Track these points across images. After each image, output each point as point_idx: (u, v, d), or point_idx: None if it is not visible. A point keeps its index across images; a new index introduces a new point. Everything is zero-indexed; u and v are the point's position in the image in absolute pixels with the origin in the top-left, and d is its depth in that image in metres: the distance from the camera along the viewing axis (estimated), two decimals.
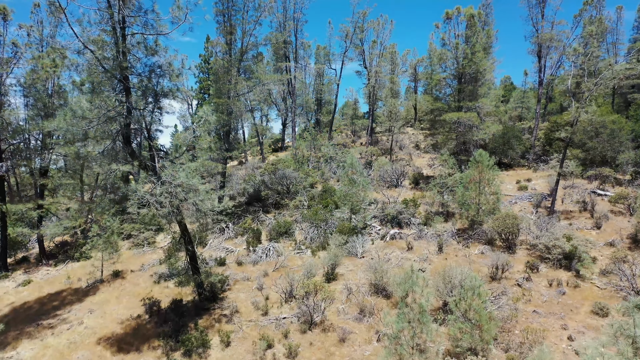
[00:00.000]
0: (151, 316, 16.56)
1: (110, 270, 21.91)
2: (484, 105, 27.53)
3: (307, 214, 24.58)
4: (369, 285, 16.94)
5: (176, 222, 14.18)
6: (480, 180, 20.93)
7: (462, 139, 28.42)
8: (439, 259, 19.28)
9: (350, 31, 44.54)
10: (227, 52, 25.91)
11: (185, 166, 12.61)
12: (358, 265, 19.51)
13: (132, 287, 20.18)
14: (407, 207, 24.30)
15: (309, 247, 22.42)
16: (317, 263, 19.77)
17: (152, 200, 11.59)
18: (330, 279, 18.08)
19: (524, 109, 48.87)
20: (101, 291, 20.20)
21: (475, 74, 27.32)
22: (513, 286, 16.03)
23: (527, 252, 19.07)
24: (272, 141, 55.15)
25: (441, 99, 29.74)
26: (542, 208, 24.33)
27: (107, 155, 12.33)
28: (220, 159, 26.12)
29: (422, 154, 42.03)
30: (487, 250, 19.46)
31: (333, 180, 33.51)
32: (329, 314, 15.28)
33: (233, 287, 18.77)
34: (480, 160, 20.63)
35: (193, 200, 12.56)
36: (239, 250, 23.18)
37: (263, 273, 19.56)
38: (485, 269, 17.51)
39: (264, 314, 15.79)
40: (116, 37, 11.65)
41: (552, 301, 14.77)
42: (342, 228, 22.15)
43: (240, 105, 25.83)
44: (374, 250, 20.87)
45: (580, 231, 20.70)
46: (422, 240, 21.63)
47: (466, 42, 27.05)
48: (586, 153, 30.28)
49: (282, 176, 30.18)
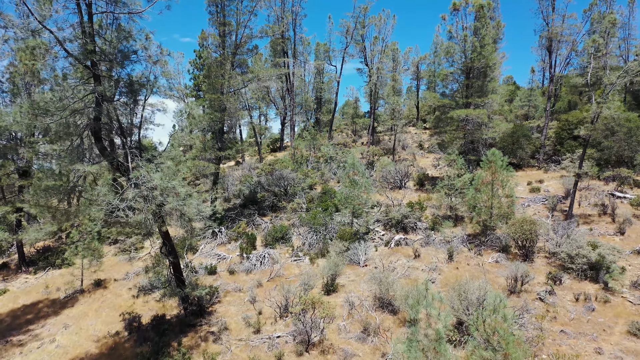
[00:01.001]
0: (130, 333, 14.88)
1: (92, 279, 20.24)
2: (494, 101, 25.86)
3: (306, 218, 22.92)
4: (373, 299, 15.25)
5: (155, 230, 12.50)
6: (493, 182, 19.25)
7: (470, 138, 26.74)
8: (449, 268, 17.59)
9: (351, 26, 42.92)
10: (220, 44, 24.26)
11: (164, 166, 10.95)
12: (360, 275, 17.83)
13: (113, 298, 18.51)
14: (413, 211, 22.61)
15: (307, 254, 20.74)
16: (316, 272, 18.10)
17: (123, 206, 9.91)
18: (330, 290, 16.40)
19: (530, 108, 47.16)
20: (80, 302, 18.52)
21: (485, 68, 25.65)
22: (534, 300, 14.33)
23: (546, 261, 17.38)
24: (271, 141, 53.47)
25: (448, 95, 28.05)
26: (557, 212, 22.65)
27: (73, 153, 10.66)
28: (212, 159, 24.44)
29: (426, 154, 40.34)
30: (501, 258, 17.77)
31: (333, 182, 31.84)
32: (329, 332, 13.59)
33: (223, 299, 17.09)
34: (494, 160, 18.96)
35: (173, 205, 10.88)
36: (232, 257, 21.50)
37: (256, 283, 17.89)
38: (502, 280, 15.82)
39: (255, 331, 14.11)
40: (80, 15, 9.99)
41: (580, 319, 13.08)
42: (343, 233, 20.47)
43: (234, 101, 24.16)
44: (378, 257, 19.18)
45: (602, 237, 19.01)
46: (429, 247, 19.94)
47: (475, 34, 25.37)
48: (601, 153, 28.61)
49: (279, 177, 28.52)
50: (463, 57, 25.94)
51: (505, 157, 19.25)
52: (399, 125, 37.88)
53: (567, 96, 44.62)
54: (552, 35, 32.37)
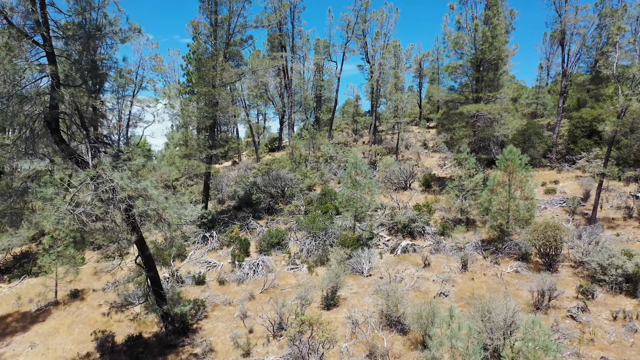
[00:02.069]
0: (103, 355, 13.03)
1: (69, 289, 18.38)
2: (506, 96, 24.03)
3: (304, 221, 21.08)
4: (379, 315, 13.40)
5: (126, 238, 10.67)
6: (511, 183, 17.42)
7: (480, 135, 24.91)
8: (463, 278, 15.74)
9: (352, 20, 41.15)
10: (212, 34, 22.44)
11: (131, 164, 9.12)
12: (364, 286, 15.99)
13: (90, 311, 16.65)
14: (421, 214, 20.78)
15: (305, 262, 18.90)
16: (314, 283, 16.28)
17: (78, 212, 8.08)
18: (331, 305, 14.55)
19: (538, 106, 45.37)
20: (53, 316, 16.66)
21: (496, 60, 23.84)
22: (565, 318, 12.49)
23: (572, 271, 15.54)
24: (269, 141, 51.65)
25: (457, 89, 26.23)
26: (578, 215, 20.82)
27: (21, 146, 8.84)
28: (204, 158, 22.61)
29: (431, 153, 38.54)
30: (522, 268, 15.93)
31: (333, 182, 30.02)
32: (329, 356, 11.75)
33: (211, 313, 15.25)
34: (511, 159, 17.13)
35: (142, 210, 9.06)
36: (223, 264, 19.65)
37: (248, 295, 16.05)
38: (525, 293, 13.98)
39: (245, 354, 12.27)
40: None
41: (622, 342, 11.23)
42: (345, 239, 18.63)
43: (227, 95, 22.32)
44: (383, 266, 17.34)
45: (632, 243, 17.17)
46: (440, 255, 18.11)
47: (486, 23, 23.57)
48: (619, 152, 26.80)
49: (276, 177, 26.69)
50: (473, 48, 24.13)
51: (524, 155, 17.44)
52: (402, 123, 36.07)
53: (575, 94, 42.93)
54: (565, 28, 30.59)
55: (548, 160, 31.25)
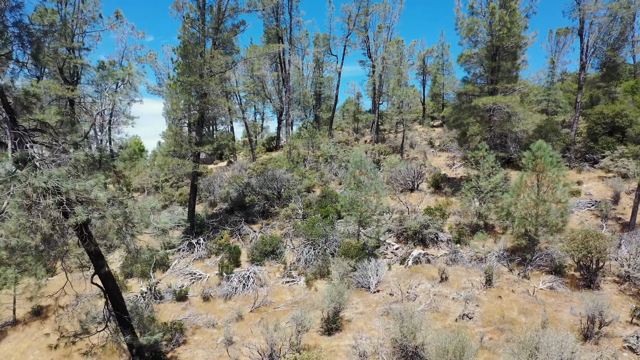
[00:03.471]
0: None
1: (31, 306, 15.96)
2: (525, 87, 21.73)
3: (302, 227, 18.75)
4: (391, 344, 11.04)
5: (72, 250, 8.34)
6: (540, 184, 15.09)
7: (497, 131, 22.58)
8: (489, 297, 13.37)
9: (354, 12, 38.86)
10: (199, 17, 20.12)
11: (65, 157, 6.79)
12: (372, 305, 13.63)
13: (52, 332, 14.27)
14: (433, 219, 18.43)
15: (302, 274, 16.55)
16: (314, 300, 13.95)
17: None
18: (332, 329, 12.19)
19: (550, 102, 43.11)
20: (8, 339, 14.30)
21: (514, 48, 21.56)
22: (622, 350, 10.13)
23: (617, 288, 13.20)
24: (267, 140, 49.27)
25: (470, 80, 23.88)
26: (611, 219, 18.49)
27: None
28: (190, 156, 20.25)
29: (438, 152, 36.19)
30: (557, 283, 13.56)
31: (334, 183, 27.66)
32: None
33: (190, 338, 12.88)
34: (541, 155, 14.80)
35: (81, 218, 6.72)
36: (210, 276, 17.29)
37: (236, 315, 13.68)
38: (566, 316, 11.64)
39: None
40: None
41: None
42: (348, 248, 16.25)
43: (216, 86, 19.97)
44: (393, 280, 14.96)
45: None
46: (458, 266, 15.75)
47: (503, 6, 21.26)
48: None
49: (272, 178, 24.34)
50: (489, 35, 21.80)
51: (555, 152, 15.13)
52: (407, 119, 33.75)
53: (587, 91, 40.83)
54: (584, 17, 28.31)
55: (567, 159, 28.88)
